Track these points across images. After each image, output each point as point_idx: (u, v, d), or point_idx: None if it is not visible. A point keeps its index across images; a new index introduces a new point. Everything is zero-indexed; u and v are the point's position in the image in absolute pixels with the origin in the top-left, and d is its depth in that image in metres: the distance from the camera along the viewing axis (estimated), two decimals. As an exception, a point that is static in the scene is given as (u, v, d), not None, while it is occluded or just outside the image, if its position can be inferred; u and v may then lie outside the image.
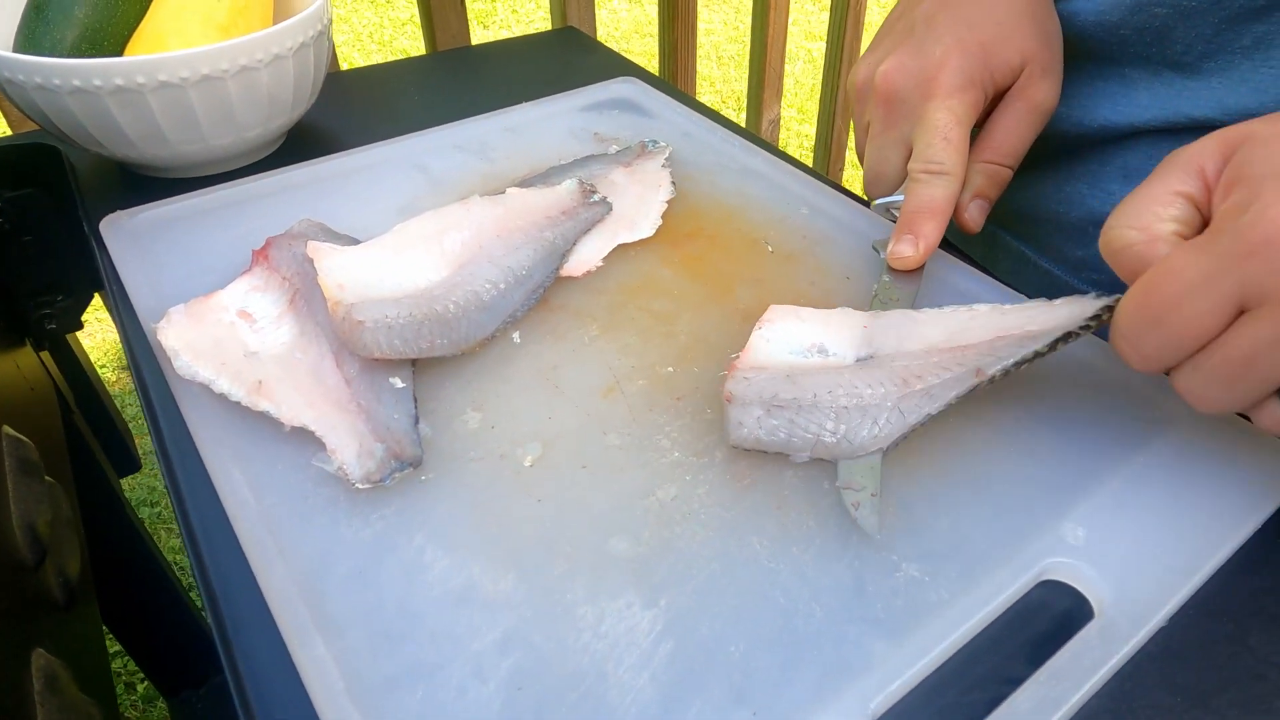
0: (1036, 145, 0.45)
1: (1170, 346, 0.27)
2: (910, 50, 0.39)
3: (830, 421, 0.31)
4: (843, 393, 0.31)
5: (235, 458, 0.32)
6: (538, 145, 0.51)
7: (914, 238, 0.39)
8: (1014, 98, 0.40)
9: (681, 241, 0.44)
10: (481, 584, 0.28)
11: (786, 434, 0.31)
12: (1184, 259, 0.26)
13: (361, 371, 0.34)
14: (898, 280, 0.39)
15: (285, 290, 0.38)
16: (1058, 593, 0.29)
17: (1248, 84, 0.37)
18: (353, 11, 2.74)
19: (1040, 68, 0.40)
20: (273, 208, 0.45)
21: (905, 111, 0.39)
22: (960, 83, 0.38)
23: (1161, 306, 0.27)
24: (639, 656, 0.26)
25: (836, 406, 0.31)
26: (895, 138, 0.40)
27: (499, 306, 0.38)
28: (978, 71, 0.39)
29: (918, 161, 0.39)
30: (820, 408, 0.31)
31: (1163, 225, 0.28)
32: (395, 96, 0.60)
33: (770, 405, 0.31)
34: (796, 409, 0.31)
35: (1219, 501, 0.31)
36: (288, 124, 0.51)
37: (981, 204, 0.40)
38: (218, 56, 0.43)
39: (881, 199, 0.42)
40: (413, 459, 0.31)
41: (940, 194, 0.38)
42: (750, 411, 0.31)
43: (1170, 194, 0.29)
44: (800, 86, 2.44)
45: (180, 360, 0.34)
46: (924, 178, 0.38)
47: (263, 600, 0.28)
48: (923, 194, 0.38)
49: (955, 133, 0.38)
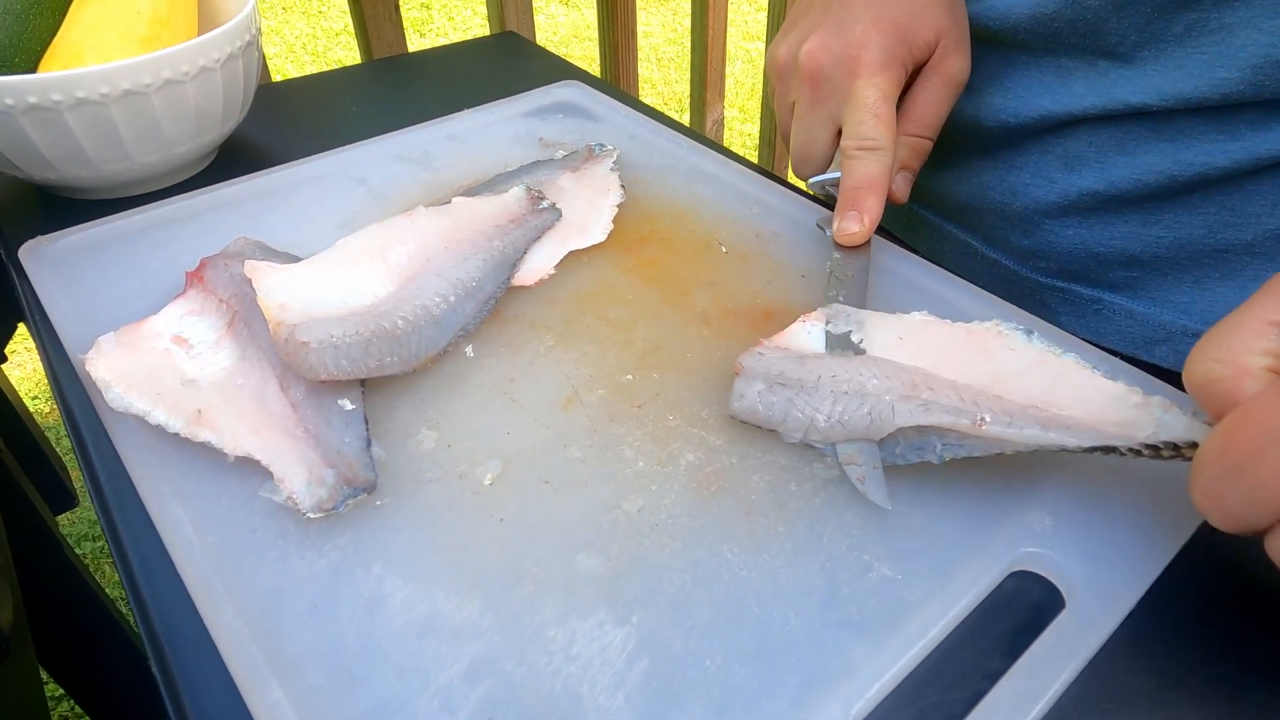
0: (978, 137, 0.46)
1: (1258, 503, 0.23)
2: (830, 30, 0.40)
3: (827, 405, 0.31)
4: (846, 379, 0.31)
5: (176, 493, 0.30)
6: (482, 153, 0.50)
7: (858, 213, 0.39)
8: (930, 72, 0.42)
9: (634, 246, 0.43)
10: (446, 611, 0.27)
11: (783, 412, 0.32)
12: (1275, 399, 0.23)
13: (308, 395, 0.33)
14: (848, 256, 0.40)
15: (223, 313, 0.36)
16: (1029, 583, 0.29)
17: (1182, 70, 0.38)
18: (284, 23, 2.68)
19: (953, 42, 0.41)
20: (206, 227, 0.44)
21: (831, 90, 0.40)
22: (883, 60, 0.39)
23: (1245, 454, 0.23)
24: (613, 677, 0.25)
25: (836, 391, 0.31)
26: (823, 116, 0.41)
27: (450, 320, 0.36)
28: (898, 49, 0.40)
29: (851, 139, 0.39)
30: (820, 391, 0.31)
31: (1253, 359, 0.24)
32: (331, 108, 0.59)
33: (774, 382, 0.32)
34: (798, 388, 0.32)
35: (1180, 479, 0.31)
36: (218, 139, 0.49)
37: (907, 175, 0.42)
38: (139, 70, 0.41)
39: (816, 177, 0.42)
40: (366, 484, 0.30)
41: (877, 169, 0.39)
42: (753, 385, 0.32)
43: (1264, 323, 0.25)
44: (740, 86, 2.45)
45: (112, 392, 0.32)
46: (860, 154, 0.39)
47: (212, 644, 0.26)
48: (861, 170, 0.39)
49: (884, 109, 0.39)
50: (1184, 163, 0.39)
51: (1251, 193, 0.39)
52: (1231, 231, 0.40)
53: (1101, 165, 0.42)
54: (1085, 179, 0.42)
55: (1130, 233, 0.43)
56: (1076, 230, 0.44)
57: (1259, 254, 0.40)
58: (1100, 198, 0.42)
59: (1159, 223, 0.42)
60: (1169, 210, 0.41)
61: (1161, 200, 0.41)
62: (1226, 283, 0.42)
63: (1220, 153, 0.38)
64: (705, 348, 0.37)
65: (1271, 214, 0.39)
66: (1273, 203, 0.39)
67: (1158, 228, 0.42)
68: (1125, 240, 0.43)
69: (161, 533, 0.29)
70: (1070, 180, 0.43)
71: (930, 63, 0.42)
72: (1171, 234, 0.42)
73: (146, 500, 0.30)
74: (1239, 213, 0.40)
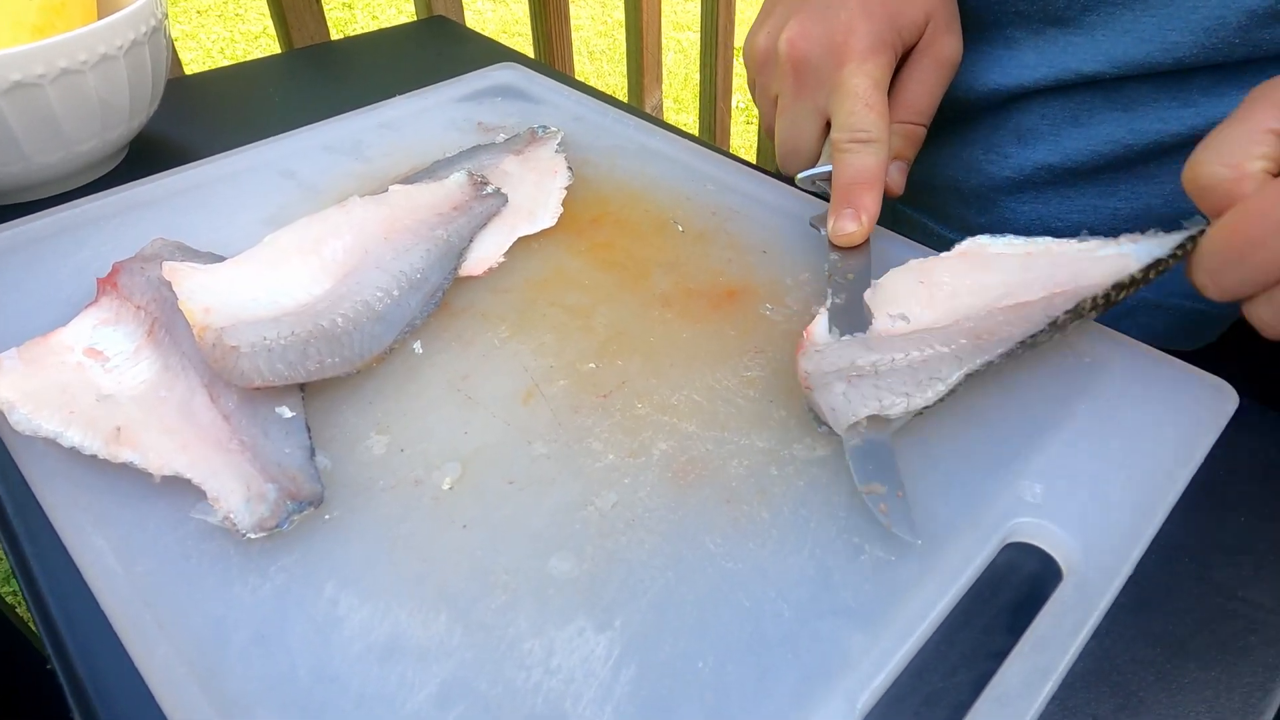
0: None
1: (1250, 282, 0.28)
2: (812, 16, 0.37)
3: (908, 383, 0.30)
4: (916, 352, 0.30)
5: (95, 521, 0.27)
6: (417, 140, 0.47)
7: (854, 211, 0.36)
8: (921, 55, 0.39)
9: (586, 229, 0.41)
10: (409, 631, 0.25)
11: (876, 403, 0.29)
12: (1273, 198, 0.26)
13: (241, 404, 0.30)
14: (846, 257, 0.37)
15: (140, 321, 0.33)
16: (1024, 555, 0.28)
17: (1130, 34, 0.37)
18: (199, 27, 2.57)
19: (943, 21, 0.39)
20: (118, 230, 0.40)
21: (817, 80, 0.38)
22: (872, 45, 0.37)
23: (1246, 244, 0.27)
24: (599, 688, 0.23)
25: (913, 365, 0.30)
26: (809, 108, 0.38)
27: (394, 316, 0.34)
28: (887, 32, 0.37)
29: (842, 131, 0.37)
30: (896, 371, 0.30)
31: (1252, 163, 0.28)
32: (251, 100, 0.55)
33: (850, 375, 0.30)
34: (874, 374, 0.30)
35: (1164, 437, 0.30)
36: (126, 135, 0.45)
37: (901, 166, 0.39)
38: (30, 59, 0.37)
39: (805, 172, 0.39)
40: (312, 497, 0.27)
41: (873, 162, 0.36)
42: (834, 390, 0.29)
43: (1262, 130, 0.28)
44: (674, 76, 2.44)
45: (17, 413, 0.29)
46: (853, 147, 0.36)
47: (145, 688, 0.23)
48: (854, 164, 0.36)
49: (876, 97, 0.36)
50: (1138, 131, 0.39)
51: None
52: (1187, 200, 0.40)
53: (1055, 138, 0.41)
54: (1039, 153, 0.42)
55: (1087, 205, 0.42)
56: (1033, 205, 0.43)
57: None
58: (1055, 171, 0.42)
59: (1115, 194, 0.41)
60: (1125, 181, 0.41)
61: (1117, 171, 0.40)
62: None
63: (1174, 119, 0.38)
64: (669, 331, 0.35)
65: None
66: None
67: (1115, 199, 0.41)
68: (1083, 213, 0.42)
69: (81, 565, 0.26)
70: (1024, 155, 0.42)
71: (920, 44, 0.39)
72: (1129, 205, 0.41)
73: (62, 530, 0.27)
74: None
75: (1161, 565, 0.28)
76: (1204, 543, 0.29)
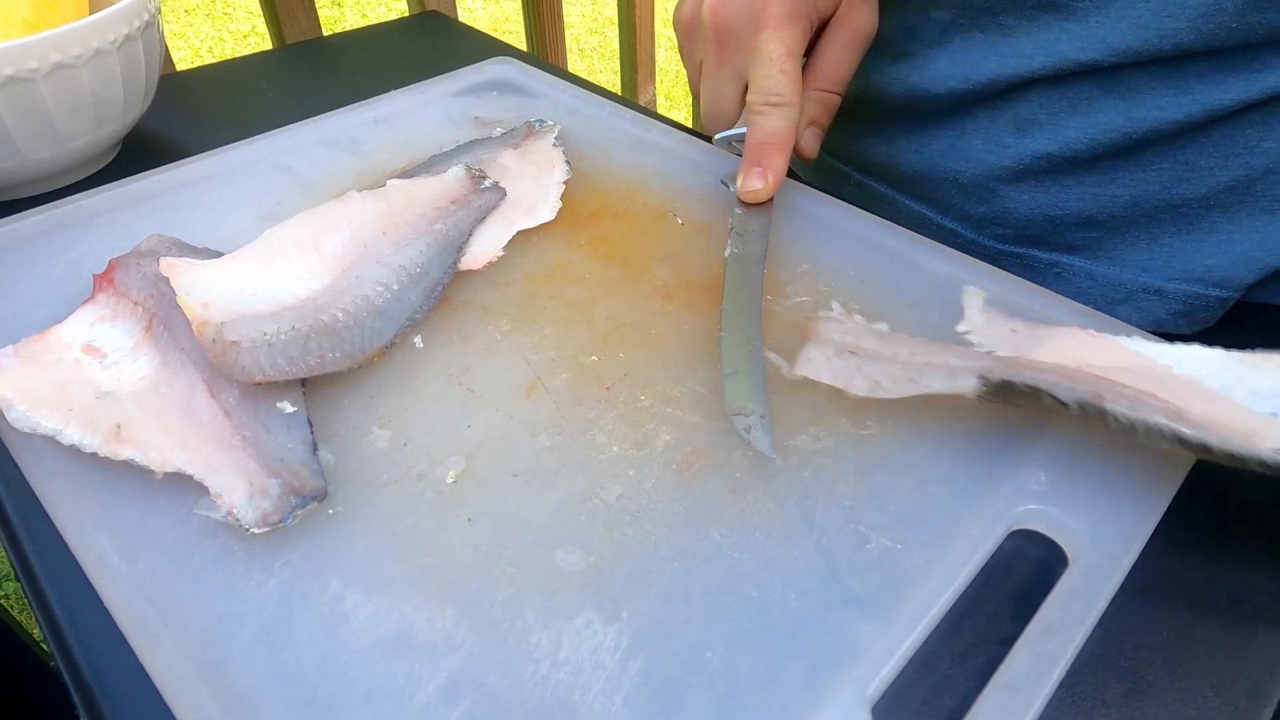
0: (926, 105, 0.45)
1: None
2: None
3: (895, 370, 0.30)
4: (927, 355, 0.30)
5: (97, 519, 0.27)
6: (413, 135, 0.47)
7: (762, 170, 0.38)
8: (837, 25, 0.41)
9: (585, 223, 0.41)
10: (416, 625, 0.24)
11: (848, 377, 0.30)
12: None
13: (242, 399, 0.30)
14: (750, 213, 0.39)
15: (138, 317, 0.33)
16: (1029, 542, 0.28)
17: (1126, 20, 0.37)
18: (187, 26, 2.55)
19: None
20: (113, 226, 0.40)
21: (737, 46, 0.39)
22: (787, 14, 0.38)
23: None
24: (607, 680, 0.23)
25: (911, 363, 0.30)
26: (729, 73, 0.40)
27: (394, 310, 0.34)
28: (801, 3, 0.39)
29: (757, 94, 0.38)
30: (894, 362, 0.30)
31: None
32: (244, 96, 0.55)
33: (844, 350, 0.31)
34: (868, 357, 0.30)
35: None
36: (120, 131, 0.45)
37: (816, 131, 0.41)
38: (23, 54, 0.37)
39: (722, 133, 0.41)
40: (315, 491, 0.27)
41: (782, 125, 0.38)
42: (822, 350, 0.31)
43: None
44: (664, 73, 2.44)
45: (15, 411, 0.29)
46: (765, 110, 0.38)
47: (152, 686, 0.23)
48: (765, 126, 0.38)
49: (789, 64, 0.38)
50: (1137, 119, 0.39)
51: (1204, 146, 0.39)
52: (1186, 186, 0.40)
53: (1054, 127, 0.41)
54: (1038, 142, 0.42)
55: (1086, 194, 0.42)
56: (1032, 194, 0.43)
57: (1213, 207, 0.40)
58: (1054, 160, 0.42)
59: (1114, 182, 0.41)
60: (1123, 169, 0.41)
61: (1116, 159, 0.41)
62: (1183, 237, 0.42)
63: (1172, 107, 0.38)
64: (671, 323, 0.35)
65: (1224, 166, 0.39)
66: (1224, 155, 0.39)
67: (1113, 187, 0.41)
68: (1081, 202, 0.42)
69: (84, 564, 0.26)
70: (1023, 144, 0.42)
71: (836, 16, 0.41)
72: (1127, 192, 0.41)
73: (64, 529, 0.27)
74: (1193, 167, 0.39)
75: (1164, 551, 0.28)
76: (1209, 528, 0.29)
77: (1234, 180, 0.39)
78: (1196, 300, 0.42)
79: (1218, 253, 0.41)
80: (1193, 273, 0.42)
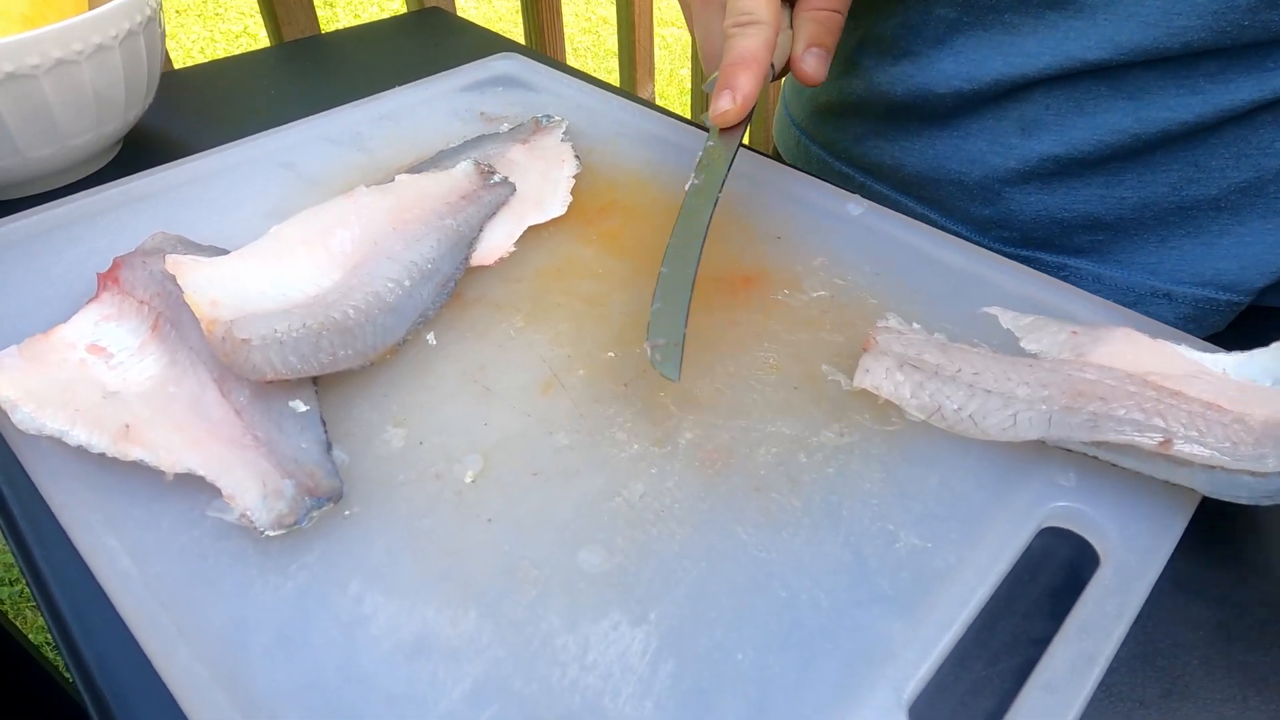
0: (930, 106, 0.44)
1: None
2: None
3: (960, 397, 0.29)
4: (991, 379, 0.29)
5: (107, 522, 0.26)
6: (419, 131, 0.46)
7: (731, 91, 0.36)
8: None
9: (596, 217, 0.40)
10: (438, 629, 0.24)
11: (910, 392, 0.30)
12: None
13: (254, 398, 0.29)
14: (721, 138, 0.37)
15: (145, 315, 0.32)
16: (1058, 540, 0.27)
17: (1135, 18, 0.36)
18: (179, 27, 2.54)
19: None
20: (116, 224, 0.39)
21: None
22: None
23: None
24: (638, 683, 0.23)
25: (976, 387, 0.29)
26: (714, 10, 0.38)
27: (406, 306, 0.33)
28: None
29: (729, 17, 0.36)
30: (956, 383, 0.29)
31: None
32: (245, 93, 0.54)
33: (906, 363, 0.30)
34: (932, 374, 0.30)
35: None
36: (122, 129, 0.44)
37: (818, 53, 0.38)
38: (22, 49, 0.36)
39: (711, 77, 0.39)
40: (330, 492, 0.26)
41: (752, 43, 0.35)
42: (881, 361, 0.30)
43: None
44: (659, 73, 2.43)
45: (20, 412, 0.28)
46: (735, 30, 0.36)
47: (167, 693, 0.22)
48: (736, 46, 0.36)
49: None
50: (1146, 120, 0.38)
51: (1214, 147, 0.38)
52: (1196, 187, 0.40)
53: (1061, 128, 0.40)
54: (1044, 143, 0.41)
55: (1093, 195, 0.41)
56: (1038, 196, 0.43)
57: (1224, 209, 0.40)
58: (1061, 161, 0.41)
59: (1122, 184, 0.41)
60: (1132, 170, 0.40)
61: (1124, 160, 0.40)
62: (1192, 240, 0.41)
63: (1182, 107, 0.37)
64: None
65: (1235, 167, 0.38)
66: (1235, 155, 0.38)
67: (1121, 189, 0.41)
68: (1089, 204, 0.42)
69: (94, 568, 0.25)
70: (1029, 146, 0.42)
71: None
72: (1135, 194, 0.41)
73: (72, 532, 0.26)
74: (1202, 168, 0.39)
75: (1200, 547, 0.27)
76: (1242, 523, 0.28)
77: (1245, 182, 0.39)
78: (1206, 304, 0.41)
79: (1228, 256, 0.40)
80: (1202, 276, 0.41)
